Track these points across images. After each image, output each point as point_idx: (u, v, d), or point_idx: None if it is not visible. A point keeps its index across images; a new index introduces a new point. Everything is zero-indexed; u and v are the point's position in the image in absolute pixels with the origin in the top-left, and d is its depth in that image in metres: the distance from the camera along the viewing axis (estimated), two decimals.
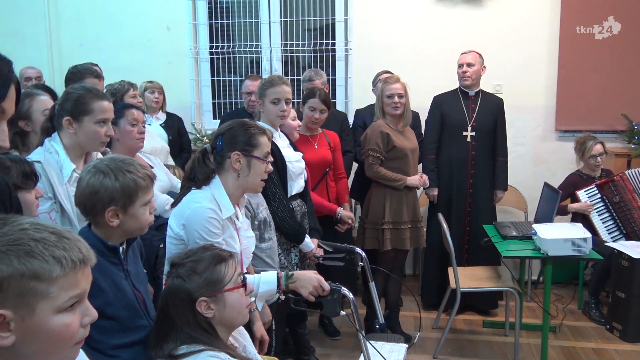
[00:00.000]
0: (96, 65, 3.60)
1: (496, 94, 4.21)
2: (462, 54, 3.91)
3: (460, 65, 3.89)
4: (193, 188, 1.97)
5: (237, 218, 2.04)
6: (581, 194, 4.00)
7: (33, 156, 2.05)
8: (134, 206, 1.61)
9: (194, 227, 1.86)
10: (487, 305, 4.03)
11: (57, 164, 2.05)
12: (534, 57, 4.47)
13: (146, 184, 1.64)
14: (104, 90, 3.16)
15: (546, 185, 3.83)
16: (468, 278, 3.51)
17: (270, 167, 2.04)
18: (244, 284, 1.59)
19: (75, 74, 3.16)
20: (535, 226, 3.23)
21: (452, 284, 3.39)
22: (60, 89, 3.26)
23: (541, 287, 4.11)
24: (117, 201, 1.59)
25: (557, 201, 3.55)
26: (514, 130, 4.51)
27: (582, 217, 3.94)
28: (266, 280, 1.91)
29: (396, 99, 3.37)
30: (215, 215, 1.88)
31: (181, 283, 1.51)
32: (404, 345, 2.37)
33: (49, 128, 2.14)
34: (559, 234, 3.05)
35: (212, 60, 4.92)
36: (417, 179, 3.49)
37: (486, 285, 3.48)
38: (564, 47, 4.40)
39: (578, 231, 3.11)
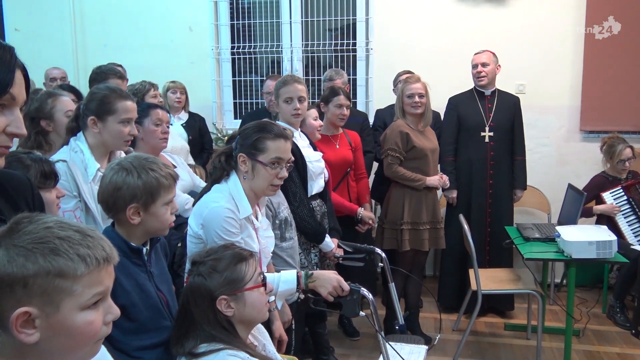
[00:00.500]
0: (120, 65, 3.66)
1: (518, 94, 4.15)
2: (476, 54, 3.87)
3: (474, 66, 3.85)
4: (214, 185, 1.98)
5: (256, 218, 2.05)
6: (607, 195, 3.93)
7: (59, 155, 2.09)
8: (155, 204, 1.62)
9: (211, 227, 1.87)
10: (504, 307, 3.99)
11: (82, 163, 2.09)
12: (558, 56, 4.40)
13: (168, 183, 1.65)
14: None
15: (570, 186, 3.77)
16: (489, 280, 3.47)
17: (284, 173, 1.97)
18: (263, 283, 1.59)
19: (100, 75, 3.22)
20: (559, 228, 3.18)
21: (473, 286, 3.36)
22: (84, 89, 3.32)
23: (564, 290, 4.05)
24: (138, 198, 1.59)
25: (581, 203, 3.49)
26: (537, 131, 4.45)
27: (607, 220, 3.87)
28: (286, 280, 1.92)
29: (416, 98, 3.35)
30: (232, 215, 1.89)
31: (202, 281, 1.52)
32: (424, 347, 2.36)
33: (75, 128, 2.18)
34: (584, 237, 3.00)
35: (233, 60, 4.95)
36: (437, 179, 3.47)
37: (508, 288, 3.45)
38: (590, 46, 4.32)
39: (603, 233, 3.05)
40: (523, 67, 4.38)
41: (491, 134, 3.84)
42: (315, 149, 2.99)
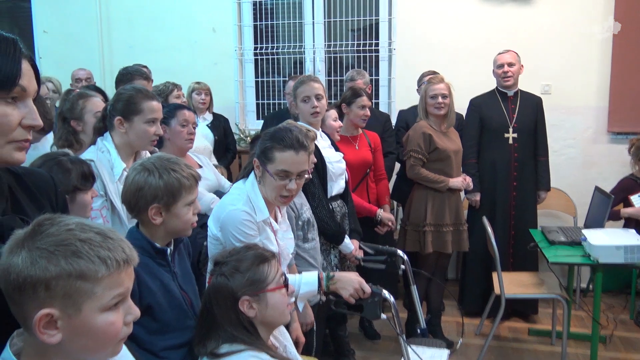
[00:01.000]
0: (145, 66, 3.71)
1: (544, 94, 4.09)
2: (500, 54, 3.81)
3: (500, 66, 3.79)
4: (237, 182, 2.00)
5: (276, 220, 2.05)
6: (635, 198, 3.83)
7: (86, 155, 2.13)
8: (176, 205, 1.63)
9: (228, 230, 1.88)
10: (528, 311, 3.93)
11: (108, 163, 2.13)
12: (585, 56, 4.32)
13: (190, 184, 1.66)
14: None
15: (597, 189, 3.69)
16: (513, 284, 3.42)
17: (292, 186, 1.89)
18: (285, 285, 1.60)
19: (125, 76, 3.28)
20: (585, 231, 3.12)
21: (497, 290, 3.31)
22: (110, 89, 3.38)
23: (591, 296, 3.97)
24: (160, 199, 1.61)
25: (608, 206, 3.41)
26: (563, 132, 4.37)
27: (635, 223, 3.77)
28: (307, 281, 1.91)
29: (440, 99, 3.33)
30: (249, 218, 1.89)
31: (224, 281, 1.53)
32: (446, 351, 2.34)
33: (102, 128, 2.23)
34: (611, 240, 2.93)
35: (256, 61, 4.98)
36: (460, 180, 3.43)
37: (532, 292, 3.39)
38: (618, 45, 4.23)
39: (631, 237, 2.98)
40: (549, 67, 4.31)
41: (515, 135, 3.79)
42: (337, 149, 2.98)
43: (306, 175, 1.94)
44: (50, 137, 2.66)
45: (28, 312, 0.87)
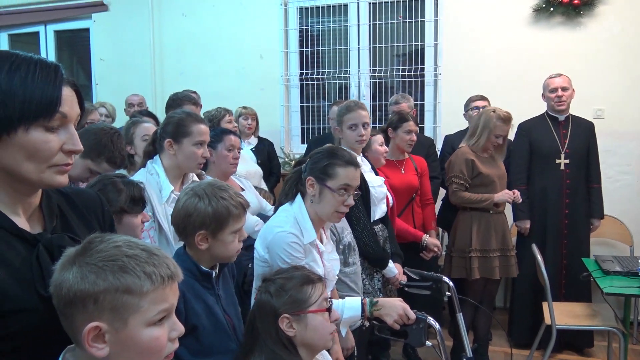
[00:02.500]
0: (194, 92, 3.83)
1: (596, 119, 3.96)
2: (551, 77, 3.70)
3: (553, 90, 3.68)
4: (283, 204, 2.02)
5: (321, 241, 2.05)
6: None
7: (136, 177, 2.20)
8: (223, 232, 1.64)
9: (276, 252, 1.89)
10: (582, 344, 3.74)
11: (157, 185, 2.19)
12: (639, 79, 4.17)
13: (238, 212, 1.66)
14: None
15: None
16: (564, 315, 3.28)
17: (351, 201, 1.96)
18: (328, 309, 1.59)
19: (175, 101, 3.42)
20: None
21: (547, 320, 3.18)
22: (161, 114, 3.50)
23: None
24: (207, 226, 1.62)
25: None
26: (617, 158, 4.21)
27: None
28: (350, 306, 1.90)
29: (501, 138, 3.36)
30: (297, 240, 1.90)
31: (268, 298, 1.55)
32: None
33: (152, 151, 2.31)
34: None
35: (301, 86, 5.06)
36: (507, 193, 3.35)
37: (585, 324, 3.24)
38: None
39: None
40: (601, 91, 4.18)
41: (567, 161, 3.67)
42: (376, 174, 2.97)
43: (356, 192, 2.00)
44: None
45: (78, 325, 0.90)
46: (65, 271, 0.91)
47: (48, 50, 5.70)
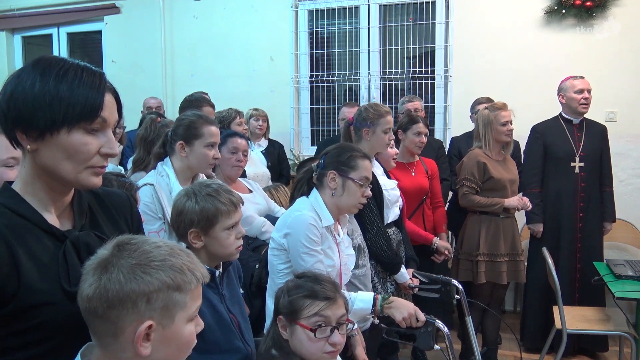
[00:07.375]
0: (205, 93, 3.84)
1: (609, 122, 3.93)
2: (576, 79, 3.62)
3: (579, 91, 3.59)
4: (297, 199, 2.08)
5: (338, 233, 2.09)
6: None
7: (146, 179, 2.23)
8: (214, 229, 1.66)
9: (296, 234, 1.94)
10: (596, 348, 3.71)
11: (167, 187, 2.21)
12: None
13: (227, 209, 1.67)
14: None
15: None
16: (576, 319, 3.25)
17: (369, 192, 2.05)
18: (313, 330, 1.50)
19: (192, 102, 3.40)
20: None
21: (557, 324, 3.16)
22: (172, 115, 3.52)
23: None
24: (196, 223, 1.65)
25: None
26: (630, 162, 4.18)
27: None
28: (362, 299, 1.93)
29: (510, 125, 3.30)
30: (315, 223, 1.95)
31: (280, 294, 1.58)
32: None
33: (162, 153, 2.33)
34: None
35: (311, 88, 5.07)
36: (517, 199, 3.32)
37: (597, 328, 3.21)
38: None
39: None
40: (613, 94, 4.15)
41: (582, 164, 3.63)
42: (389, 177, 2.97)
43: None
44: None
45: (123, 326, 0.91)
46: (106, 273, 0.91)
47: (60, 52, 5.75)
